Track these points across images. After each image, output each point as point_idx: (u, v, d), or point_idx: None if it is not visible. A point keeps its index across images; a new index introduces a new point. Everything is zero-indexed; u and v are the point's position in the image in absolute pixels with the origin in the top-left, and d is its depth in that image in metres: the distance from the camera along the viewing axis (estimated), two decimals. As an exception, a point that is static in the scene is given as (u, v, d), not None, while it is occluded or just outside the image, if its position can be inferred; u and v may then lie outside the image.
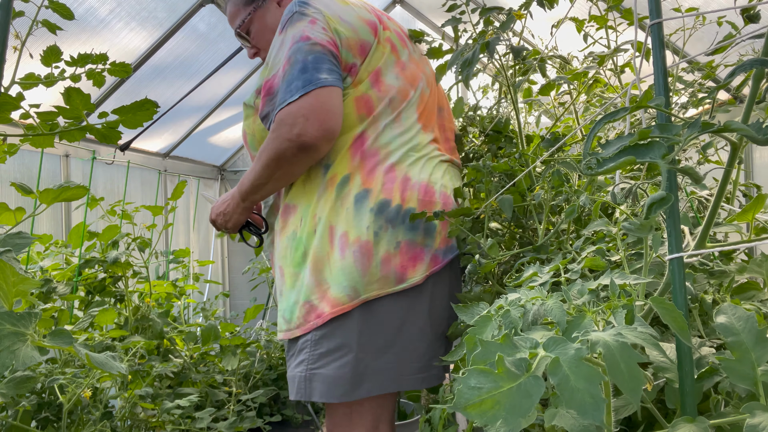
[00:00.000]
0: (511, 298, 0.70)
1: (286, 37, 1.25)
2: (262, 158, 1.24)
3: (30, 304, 1.43)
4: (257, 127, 1.35)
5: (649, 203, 0.57)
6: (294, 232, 1.31)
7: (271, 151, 1.22)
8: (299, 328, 1.28)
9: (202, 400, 2.22)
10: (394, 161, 1.28)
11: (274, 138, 1.21)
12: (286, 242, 1.33)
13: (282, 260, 1.34)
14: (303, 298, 1.27)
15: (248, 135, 1.40)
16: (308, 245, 1.28)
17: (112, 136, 0.95)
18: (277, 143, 1.20)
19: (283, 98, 1.19)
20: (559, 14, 1.55)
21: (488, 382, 0.45)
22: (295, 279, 1.30)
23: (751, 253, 1.73)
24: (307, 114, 1.16)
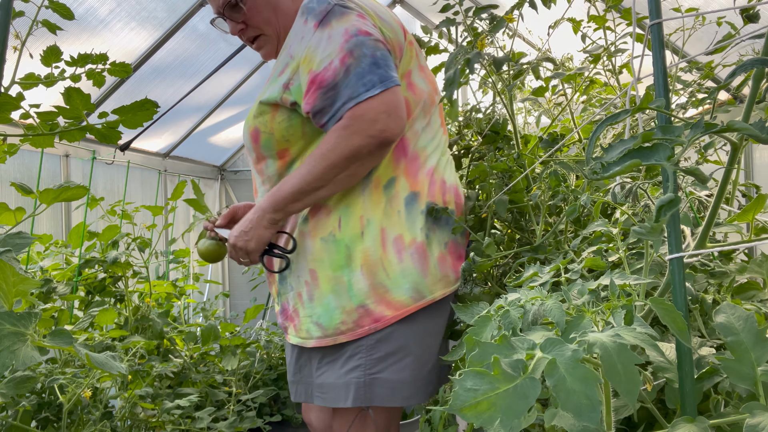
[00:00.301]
0: (511, 298, 0.70)
1: (333, 30, 1.18)
2: (330, 157, 1.16)
3: (30, 304, 1.43)
4: (277, 125, 1.25)
5: (659, 206, 0.57)
6: (331, 234, 1.25)
7: (345, 148, 1.15)
8: (345, 334, 1.23)
9: (202, 400, 2.22)
10: (432, 165, 1.32)
11: (351, 134, 1.14)
12: (322, 244, 1.25)
13: (315, 263, 1.26)
14: (355, 302, 1.23)
15: (264, 134, 1.27)
16: (353, 247, 1.23)
17: (112, 136, 0.95)
18: (355, 139, 1.14)
19: (357, 92, 1.14)
20: (559, 14, 1.55)
21: (484, 383, 0.45)
22: (335, 283, 1.24)
23: (751, 254, 1.73)
24: (388, 110, 1.15)
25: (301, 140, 1.26)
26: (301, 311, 1.29)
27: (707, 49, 0.97)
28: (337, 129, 1.16)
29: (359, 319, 1.23)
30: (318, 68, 1.17)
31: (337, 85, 1.15)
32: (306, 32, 1.21)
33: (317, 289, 1.26)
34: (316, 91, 1.17)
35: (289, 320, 1.34)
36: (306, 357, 1.35)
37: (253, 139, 1.30)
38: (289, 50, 1.25)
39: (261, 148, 1.29)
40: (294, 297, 1.31)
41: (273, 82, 1.26)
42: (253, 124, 1.29)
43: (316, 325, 1.26)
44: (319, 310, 1.25)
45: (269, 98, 1.25)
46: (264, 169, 1.32)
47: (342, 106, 1.15)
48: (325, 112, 1.18)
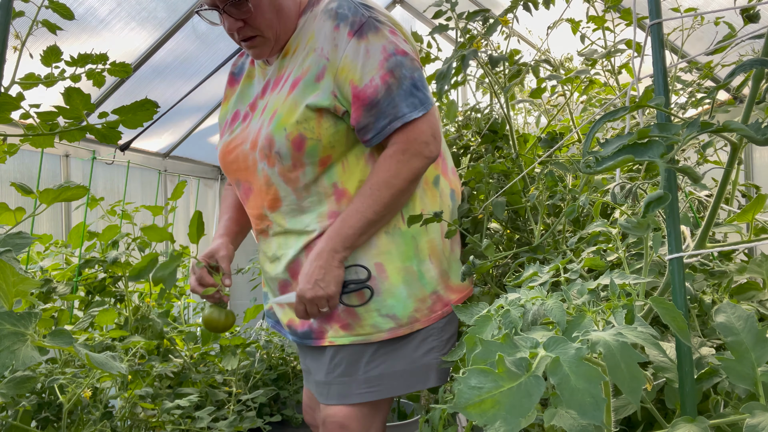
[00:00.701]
0: (511, 297, 0.70)
1: (370, 45, 1.19)
2: (395, 184, 1.19)
3: (30, 304, 1.43)
4: (325, 131, 1.22)
5: (647, 202, 0.57)
6: (396, 227, 1.27)
7: (408, 172, 1.19)
8: (420, 321, 1.28)
9: (202, 400, 2.22)
10: (452, 165, 1.42)
11: (410, 157, 1.19)
12: (387, 238, 1.26)
13: (383, 256, 1.26)
14: (428, 290, 1.28)
15: (311, 140, 1.22)
16: (419, 239, 1.28)
17: (112, 136, 0.95)
18: (415, 162, 1.19)
19: (402, 113, 1.18)
20: (559, 15, 1.55)
21: (488, 381, 0.45)
22: (406, 273, 1.26)
23: (751, 254, 1.73)
24: (434, 132, 1.22)
25: (344, 145, 1.25)
26: (360, 308, 1.27)
27: (707, 49, 0.97)
28: (395, 154, 1.19)
29: (433, 305, 1.29)
30: (360, 84, 1.18)
31: (379, 103, 1.18)
32: (339, 39, 1.20)
33: (386, 281, 1.26)
34: (360, 108, 1.19)
35: (332, 321, 1.29)
36: (347, 354, 1.30)
37: (295, 146, 1.22)
38: (322, 52, 1.22)
39: (305, 155, 1.23)
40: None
41: (311, 85, 1.22)
42: (296, 130, 1.22)
43: (386, 318, 1.26)
44: (391, 301, 1.26)
45: (317, 103, 1.21)
46: (300, 177, 1.25)
47: (388, 125, 1.19)
48: (369, 129, 1.20)
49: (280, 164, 1.24)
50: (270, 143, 1.23)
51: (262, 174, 1.28)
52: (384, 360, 1.29)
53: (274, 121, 1.24)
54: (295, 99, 1.23)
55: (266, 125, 1.25)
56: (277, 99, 1.27)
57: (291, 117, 1.22)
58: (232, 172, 1.36)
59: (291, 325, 1.37)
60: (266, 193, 1.30)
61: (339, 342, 1.29)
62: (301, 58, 1.26)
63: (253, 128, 1.31)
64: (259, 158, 1.27)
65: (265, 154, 1.25)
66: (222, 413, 2.27)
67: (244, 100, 1.40)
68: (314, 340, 1.33)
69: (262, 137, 1.25)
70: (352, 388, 1.29)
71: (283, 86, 1.27)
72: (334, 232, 1.22)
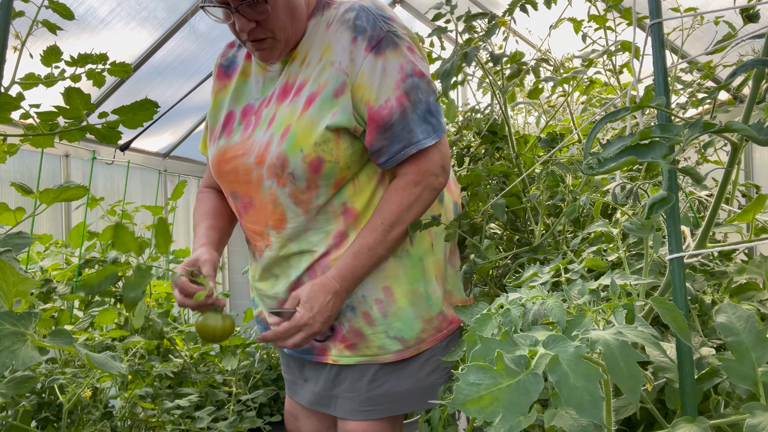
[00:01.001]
0: (512, 297, 0.70)
1: (388, 62, 1.14)
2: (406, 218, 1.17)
3: (30, 304, 1.43)
4: (342, 153, 1.16)
5: (650, 203, 0.57)
6: (404, 249, 1.24)
7: (419, 206, 1.18)
8: (427, 341, 1.26)
9: (202, 400, 2.22)
10: (452, 176, 1.40)
11: (422, 190, 1.17)
12: (395, 261, 1.23)
13: (391, 280, 1.23)
14: (435, 311, 1.26)
15: (329, 163, 1.15)
16: (426, 260, 1.25)
17: (112, 136, 0.94)
18: (425, 195, 1.18)
19: (417, 138, 1.15)
20: (557, 15, 1.55)
21: (487, 378, 0.45)
22: (413, 295, 1.24)
23: (751, 254, 1.73)
24: (444, 163, 1.20)
25: (358, 165, 1.21)
26: (368, 329, 1.23)
27: (707, 50, 0.97)
28: (407, 186, 1.17)
29: (439, 325, 1.27)
30: (375, 104, 1.14)
31: (393, 126, 1.14)
32: (356, 53, 1.15)
33: (393, 304, 1.23)
34: (374, 130, 1.15)
35: (336, 341, 1.26)
36: (351, 372, 1.27)
37: (312, 168, 1.15)
38: (340, 66, 1.16)
39: (321, 177, 1.17)
40: (355, 317, 1.24)
41: (329, 102, 1.15)
42: (314, 152, 1.14)
43: (394, 340, 1.24)
44: (398, 324, 1.23)
45: (338, 123, 1.14)
46: (313, 199, 1.19)
47: (402, 150, 1.16)
48: (383, 153, 1.17)
49: (293, 185, 1.17)
50: (283, 163, 1.15)
51: (268, 192, 1.20)
52: (388, 379, 1.26)
53: (288, 139, 1.15)
54: (312, 118, 1.15)
55: (277, 142, 1.17)
56: (289, 113, 1.18)
57: (309, 138, 1.14)
58: (228, 183, 1.28)
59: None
60: (272, 212, 1.22)
61: (343, 362, 1.26)
62: (316, 70, 1.18)
63: (258, 140, 1.21)
64: (266, 176, 1.19)
65: (276, 173, 1.17)
66: (222, 413, 2.27)
67: (240, 100, 1.30)
68: (315, 356, 1.30)
69: (272, 155, 1.17)
70: (355, 404, 1.27)
71: (295, 99, 1.19)
72: (348, 270, 1.18)
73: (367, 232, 1.18)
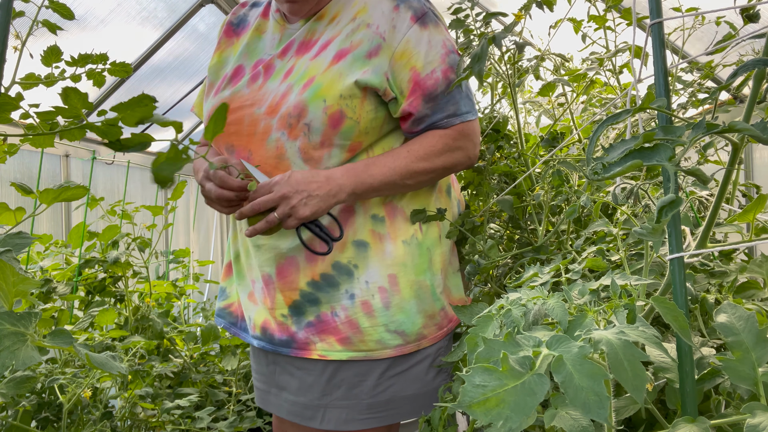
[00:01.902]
0: (512, 297, 0.70)
1: (432, 36, 1.15)
2: (433, 161, 1.14)
3: (30, 304, 1.43)
4: (365, 114, 1.12)
5: (660, 207, 0.57)
6: (414, 237, 1.19)
7: (448, 159, 1.16)
8: (428, 338, 1.19)
9: (202, 400, 2.22)
10: (454, 175, 1.39)
11: (457, 148, 1.16)
12: (405, 248, 1.17)
13: (398, 267, 1.16)
14: (438, 306, 1.20)
15: (350, 120, 1.11)
16: (434, 252, 1.21)
17: (112, 133, 0.94)
18: (458, 154, 1.17)
19: (461, 111, 1.16)
20: (558, 15, 1.55)
21: (493, 380, 0.45)
22: (418, 287, 1.17)
23: (752, 253, 1.73)
24: (478, 139, 1.21)
25: (377, 135, 1.17)
26: (366, 321, 1.14)
27: (707, 50, 0.97)
28: (445, 137, 1.16)
29: (441, 322, 1.21)
30: (422, 72, 1.13)
31: (437, 97, 1.14)
32: (399, 22, 1.13)
33: (397, 294, 1.15)
34: (420, 97, 1.13)
35: (326, 333, 1.15)
36: (350, 375, 1.16)
37: (331, 122, 1.10)
38: (377, 30, 1.13)
39: (338, 135, 1.11)
40: (353, 306, 1.14)
41: (361, 61, 1.12)
42: (337, 104, 1.09)
43: (394, 334, 1.15)
44: (400, 317, 1.15)
45: (368, 81, 1.10)
46: (324, 159, 1.13)
47: (446, 119, 1.15)
48: (424, 121, 1.15)
49: (306, 139, 1.11)
50: (301, 113, 1.10)
51: (273, 145, 1.13)
52: (394, 383, 1.17)
53: (312, 89, 1.10)
54: (340, 71, 1.11)
55: (297, 91, 1.11)
56: (313, 65, 1.14)
57: (334, 89, 1.10)
58: (226, 135, 1.18)
59: (266, 328, 1.21)
60: (274, 167, 1.14)
61: (333, 357, 1.14)
62: (348, 29, 1.15)
63: (271, 90, 1.15)
64: (276, 126, 1.12)
65: (289, 123, 1.11)
66: (222, 413, 2.27)
67: (251, 55, 1.24)
68: (295, 350, 1.17)
69: (289, 103, 1.11)
70: (353, 413, 1.15)
71: (322, 54, 1.14)
72: (353, 171, 1.10)
73: (389, 154, 1.14)
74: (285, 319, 1.19)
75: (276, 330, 1.19)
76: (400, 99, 1.14)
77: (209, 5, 2.70)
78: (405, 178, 1.13)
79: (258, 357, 1.31)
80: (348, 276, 1.15)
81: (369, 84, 1.10)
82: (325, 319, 1.16)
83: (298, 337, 1.17)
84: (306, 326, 1.16)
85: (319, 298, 1.16)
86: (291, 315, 1.18)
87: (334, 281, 1.15)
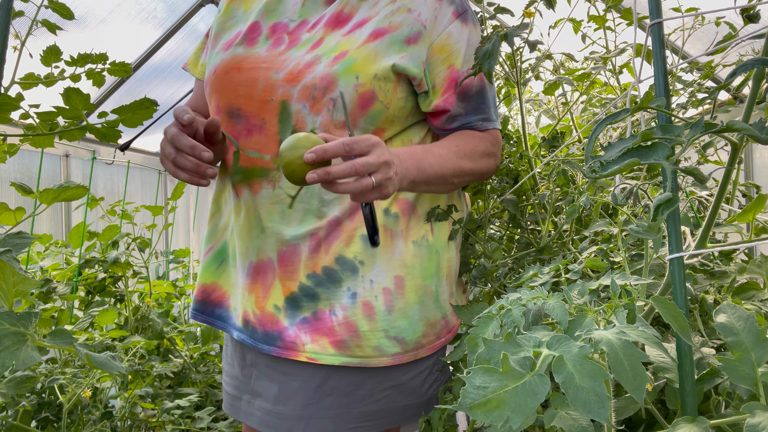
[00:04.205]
0: (512, 298, 0.70)
1: (472, 35, 1.12)
2: (477, 162, 1.11)
3: (30, 304, 1.43)
4: (396, 101, 1.06)
5: (656, 205, 0.57)
6: (424, 238, 1.12)
7: (485, 164, 1.14)
8: (425, 348, 1.11)
9: (202, 400, 2.22)
10: None
11: (492, 155, 1.15)
12: (415, 249, 1.10)
13: (405, 269, 1.08)
14: (440, 314, 1.12)
15: (380, 104, 1.04)
16: (442, 255, 1.14)
17: (111, 135, 0.94)
18: (492, 162, 1.16)
19: (492, 117, 1.15)
20: (558, 15, 1.55)
21: (493, 381, 0.45)
22: (423, 292, 1.10)
23: (751, 254, 1.73)
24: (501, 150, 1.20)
25: (401, 125, 1.11)
26: (365, 324, 1.05)
27: (707, 50, 0.97)
28: (485, 140, 1.14)
29: (440, 331, 1.13)
30: (460, 70, 1.10)
31: (471, 98, 1.12)
32: (441, 14, 1.09)
33: (402, 298, 1.07)
34: (455, 95, 1.10)
35: (319, 333, 1.05)
36: (342, 383, 1.06)
37: (361, 101, 1.03)
38: (418, 17, 1.08)
39: (364, 117, 1.04)
40: (353, 306, 1.05)
41: (399, 45, 1.06)
42: (371, 84, 1.02)
43: (393, 340, 1.06)
44: (402, 323, 1.07)
45: (406, 67, 1.04)
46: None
47: (481, 121, 1.14)
48: (457, 119, 1.12)
49: (329, 115, 1.03)
50: (329, 85, 1.01)
51: (293, 117, 1.04)
52: (389, 394, 1.09)
53: (344, 63, 1.02)
54: (377, 50, 1.04)
55: (327, 63, 1.03)
56: (346, 41, 1.06)
57: (369, 67, 1.02)
58: (233, 96, 1.08)
59: (248, 320, 1.09)
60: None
61: (325, 361, 1.03)
62: (386, 10, 1.08)
63: (294, 58, 1.06)
64: (297, 97, 1.03)
65: (313, 95, 1.02)
66: (222, 413, 2.27)
67: (270, 15, 1.14)
68: (279, 348, 1.06)
69: (315, 73, 1.02)
70: (340, 423, 1.06)
71: (356, 30, 1.07)
72: (415, 156, 1.01)
73: (438, 145, 1.08)
74: (277, 312, 1.06)
75: (259, 323, 1.07)
76: (432, 93, 1.10)
77: (209, 5, 2.70)
78: (454, 175, 1.08)
79: (234, 357, 1.18)
80: (352, 272, 1.05)
81: (406, 71, 1.04)
82: (322, 318, 1.05)
83: (287, 334, 1.05)
84: (300, 322, 1.05)
85: (318, 293, 1.06)
86: (286, 308, 1.06)
87: (337, 277, 1.05)
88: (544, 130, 1.80)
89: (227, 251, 1.18)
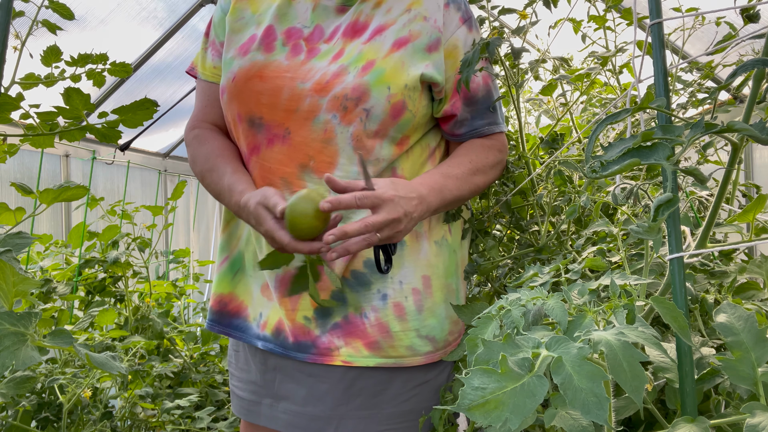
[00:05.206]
0: (512, 298, 0.70)
1: (476, 41, 1.14)
2: (489, 174, 1.15)
3: (30, 304, 1.43)
4: (421, 109, 1.08)
5: (656, 206, 0.57)
6: (444, 238, 1.15)
7: (496, 173, 1.18)
8: (452, 345, 1.13)
9: (202, 400, 2.22)
10: None
11: (500, 164, 1.18)
12: (437, 249, 1.13)
13: (430, 269, 1.10)
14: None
15: (409, 113, 1.05)
16: (458, 254, 1.18)
17: (112, 135, 0.94)
18: (499, 170, 1.19)
19: (498, 121, 1.17)
20: (557, 16, 1.55)
21: (492, 382, 0.45)
22: (447, 291, 1.13)
23: (752, 254, 1.74)
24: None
25: (421, 132, 1.13)
26: (397, 325, 1.06)
27: (707, 50, 0.97)
28: (493, 150, 1.16)
29: (461, 328, 1.15)
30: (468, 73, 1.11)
31: (477, 102, 1.13)
32: (449, 19, 1.11)
33: (430, 297, 1.09)
34: (461, 100, 1.12)
35: (353, 336, 1.06)
36: (372, 383, 1.06)
37: (393, 112, 1.03)
38: (435, 24, 1.09)
39: (395, 126, 1.05)
40: (384, 307, 1.06)
41: (422, 54, 1.07)
42: (401, 95, 1.03)
43: (425, 339, 1.07)
44: (432, 321, 1.09)
45: (432, 76, 1.06)
46: (376, 149, 1.05)
47: (487, 126, 1.15)
48: (464, 124, 1.14)
49: (362, 125, 1.03)
50: (362, 96, 1.01)
51: (321, 127, 1.03)
52: (417, 392, 1.09)
53: (374, 73, 1.03)
54: (403, 60, 1.05)
55: (356, 74, 1.03)
56: (370, 50, 1.05)
57: (399, 78, 1.03)
58: (255, 105, 1.06)
59: (281, 330, 1.09)
60: (319, 151, 1.04)
61: (360, 363, 1.04)
62: (404, 18, 1.08)
63: (319, 68, 1.05)
64: (326, 107, 1.02)
65: (344, 107, 1.02)
66: (222, 413, 2.27)
67: (283, 20, 1.12)
68: (314, 355, 1.06)
69: (346, 84, 1.02)
70: (371, 425, 1.06)
71: (377, 38, 1.07)
72: (437, 187, 1.04)
73: (452, 163, 1.10)
74: (308, 323, 1.07)
75: (291, 333, 1.07)
76: (445, 99, 1.13)
77: (209, 5, 2.70)
78: (470, 194, 1.12)
79: (251, 362, 1.17)
80: (381, 274, 1.06)
81: (433, 79, 1.06)
82: (354, 321, 1.05)
83: (320, 341, 1.06)
84: (331, 329, 1.05)
85: (347, 298, 1.06)
86: (316, 317, 1.06)
87: (366, 279, 1.06)
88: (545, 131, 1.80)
89: (243, 260, 1.17)
